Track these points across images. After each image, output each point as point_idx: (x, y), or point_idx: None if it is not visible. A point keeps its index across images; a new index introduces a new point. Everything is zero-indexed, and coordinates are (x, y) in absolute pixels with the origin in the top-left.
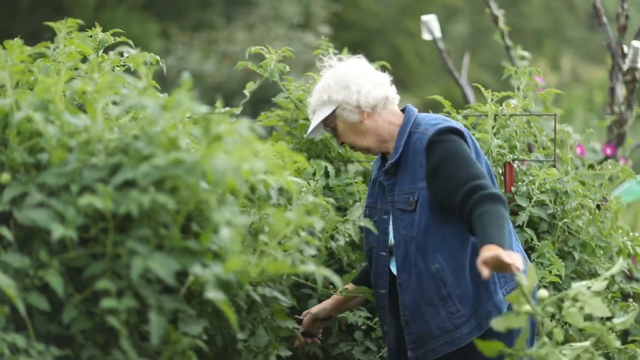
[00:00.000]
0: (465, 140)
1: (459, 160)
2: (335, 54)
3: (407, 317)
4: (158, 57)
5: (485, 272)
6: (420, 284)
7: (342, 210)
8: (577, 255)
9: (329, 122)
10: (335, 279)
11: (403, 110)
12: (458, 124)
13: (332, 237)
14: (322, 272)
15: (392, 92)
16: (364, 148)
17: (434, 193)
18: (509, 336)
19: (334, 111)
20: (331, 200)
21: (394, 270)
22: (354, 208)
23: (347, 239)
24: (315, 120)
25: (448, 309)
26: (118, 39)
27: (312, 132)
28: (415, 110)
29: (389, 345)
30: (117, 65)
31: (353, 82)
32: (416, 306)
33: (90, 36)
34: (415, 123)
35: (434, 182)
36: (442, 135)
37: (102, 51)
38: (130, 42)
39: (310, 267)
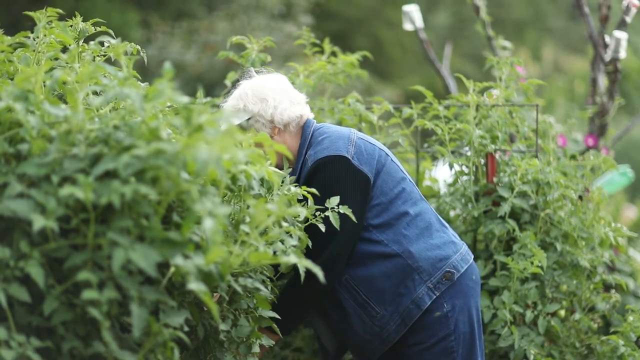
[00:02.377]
0: (349, 162)
1: (322, 201)
2: (317, 44)
3: (343, 329)
4: (139, 47)
5: None
6: (339, 297)
7: None
8: (559, 246)
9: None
10: (317, 270)
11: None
12: (346, 139)
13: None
14: (304, 263)
15: (307, 111)
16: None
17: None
18: (432, 331)
19: (247, 121)
20: (313, 190)
21: None
22: (332, 198)
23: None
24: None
25: (368, 313)
26: (98, 29)
27: None
28: (312, 124)
29: (326, 349)
30: (98, 55)
31: (270, 97)
32: (343, 317)
33: (71, 26)
34: (310, 143)
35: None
36: (316, 173)
37: (82, 41)
38: (110, 31)
39: (292, 258)
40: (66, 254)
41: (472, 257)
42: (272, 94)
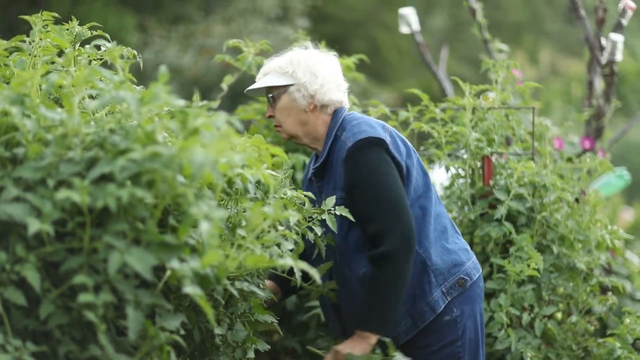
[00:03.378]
0: (388, 148)
1: (372, 187)
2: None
3: (348, 320)
4: (135, 51)
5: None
6: (351, 289)
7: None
8: (555, 249)
9: (275, 92)
10: (313, 272)
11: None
12: (382, 129)
13: (310, 229)
14: (300, 266)
15: (345, 100)
16: (290, 134)
17: (351, 208)
18: (440, 336)
19: (288, 86)
20: (309, 193)
21: None
22: (329, 198)
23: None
24: (265, 82)
25: None
26: (95, 33)
27: (253, 90)
28: (345, 110)
29: (336, 339)
30: (94, 59)
31: (321, 74)
32: (352, 310)
33: (67, 29)
34: (342, 126)
35: (350, 199)
36: (360, 150)
37: (78, 45)
38: (107, 35)
39: (288, 261)
40: (62, 257)
41: (479, 267)
42: (323, 72)
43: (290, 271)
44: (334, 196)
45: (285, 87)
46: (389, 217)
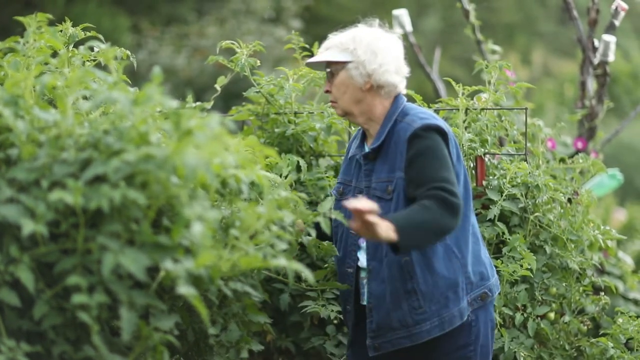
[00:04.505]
0: (448, 143)
1: (436, 158)
2: (306, 49)
3: (372, 305)
4: (128, 52)
5: (352, 225)
6: (389, 274)
7: (313, 204)
8: (548, 249)
9: (334, 67)
10: (307, 273)
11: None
12: (445, 125)
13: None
14: (294, 267)
15: (402, 86)
16: (345, 110)
17: (407, 178)
18: (453, 339)
19: (347, 63)
20: (303, 195)
21: (359, 252)
22: (324, 201)
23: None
24: (325, 57)
25: (411, 303)
26: (88, 33)
27: (312, 63)
28: (405, 99)
29: (347, 325)
30: (88, 60)
31: (382, 55)
32: (382, 296)
33: (61, 31)
34: (403, 112)
35: (407, 172)
36: (428, 131)
37: (72, 46)
38: (100, 36)
39: (282, 262)
40: (56, 258)
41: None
42: (384, 53)
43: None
44: (329, 198)
45: (344, 64)
46: (448, 181)
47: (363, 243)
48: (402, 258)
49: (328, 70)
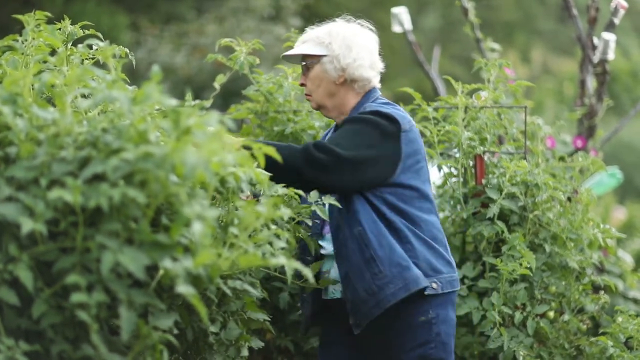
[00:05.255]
0: (399, 136)
1: (356, 134)
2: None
3: (344, 287)
4: (127, 50)
5: None
6: (348, 250)
7: None
8: (547, 248)
9: (309, 61)
10: (306, 271)
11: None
12: (407, 120)
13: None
14: (293, 265)
15: (376, 81)
16: (319, 104)
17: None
18: (413, 336)
19: (322, 57)
20: (299, 191)
21: (322, 241)
22: (313, 192)
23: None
24: (301, 50)
25: (371, 270)
26: (87, 32)
27: (289, 56)
28: (379, 94)
29: (304, 313)
30: (86, 58)
31: (356, 50)
32: (347, 274)
33: (60, 29)
34: (370, 104)
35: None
36: (373, 115)
37: (70, 44)
38: (99, 34)
39: (281, 260)
40: (55, 257)
41: (459, 285)
42: (359, 48)
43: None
44: (318, 193)
45: (319, 57)
46: (339, 145)
47: (327, 233)
48: (355, 229)
49: (303, 63)
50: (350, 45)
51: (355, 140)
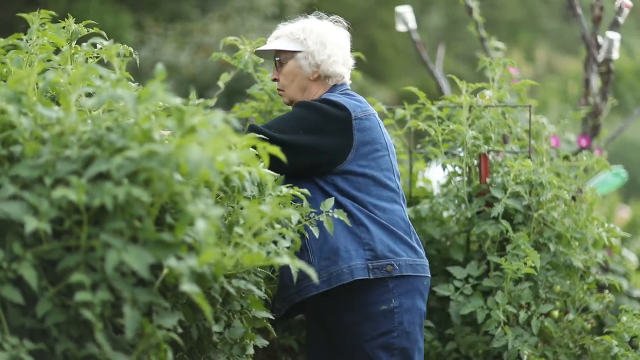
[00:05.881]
0: (351, 125)
1: (294, 119)
2: None
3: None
4: (131, 49)
5: None
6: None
7: None
8: (552, 247)
9: (283, 57)
10: (310, 271)
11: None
12: (361, 109)
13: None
14: (297, 265)
15: (348, 77)
16: (291, 99)
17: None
18: (375, 324)
19: (296, 52)
20: (305, 190)
21: None
22: (326, 201)
23: None
24: (275, 45)
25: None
26: (91, 30)
27: (262, 51)
28: (347, 88)
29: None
30: (90, 57)
31: (330, 46)
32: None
33: (63, 27)
34: (327, 94)
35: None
36: (321, 102)
37: (75, 42)
38: (103, 33)
39: (285, 260)
40: (59, 255)
41: (428, 272)
42: (333, 45)
43: None
44: (332, 198)
45: (293, 53)
46: (279, 130)
47: None
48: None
49: (277, 59)
50: (325, 42)
51: (292, 124)
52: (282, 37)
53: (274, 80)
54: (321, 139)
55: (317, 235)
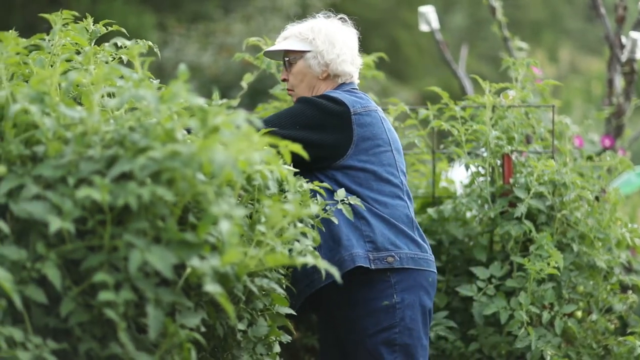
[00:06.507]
0: (350, 120)
1: (291, 115)
2: None
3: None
4: (150, 43)
5: None
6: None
7: None
8: (575, 247)
9: (292, 56)
10: (333, 271)
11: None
12: (361, 104)
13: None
14: (321, 264)
15: (356, 76)
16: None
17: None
18: (377, 320)
19: (305, 52)
20: (325, 184)
21: None
22: (340, 190)
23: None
24: (284, 46)
25: None
26: (114, 30)
27: (270, 53)
28: (355, 88)
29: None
30: (112, 57)
31: (339, 46)
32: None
33: (86, 28)
34: (329, 91)
35: None
36: (320, 98)
37: (95, 42)
38: (124, 31)
39: (309, 259)
40: (82, 255)
41: (433, 268)
42: (342, 44)
43: None
44: (343, 189)
45: (302, 53)
46: (280, 131)
47: None
48: None
49: (286, 59)
50: (333, 41)
51: (291, 119)
52: (290, 38)
53: (284, 80)
54: (320, 134)
55: (323, 228)
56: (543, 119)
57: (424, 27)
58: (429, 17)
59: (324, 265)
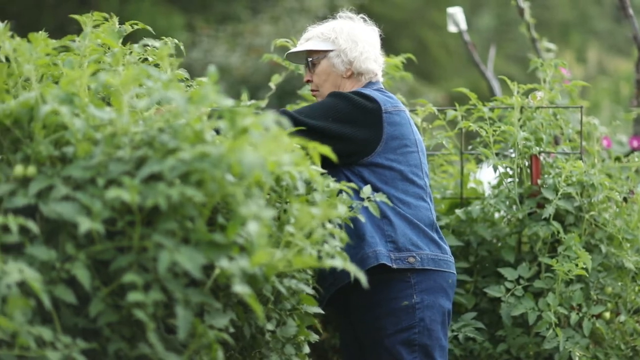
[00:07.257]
0: (381, 117)
1: (324, 107)
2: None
3: None
4: (177, 41)
5: None
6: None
7: None
8: (603, 248)
9: (315, 57)
10: (360, 275)
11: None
12: (391, 104)
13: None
14: (349, 268)
15: (380, 75)
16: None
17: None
18: (396, 320)
19: (328, 52)
20: (352, 184)
21: None
22: (366, 187)
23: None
24: (307, 46)
25: None
26: (143, 31)
27: (292, 55)
28: (381, 87)
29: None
30: (141, 58)
31: (361, 44)
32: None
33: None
34: (359, 88)
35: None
36: (352, 93)
37: (121, 42)
38: (152, 31)
39: (337, 262)
40: (112, 256)
41: (453, 269)
42: (364, 42)
43: None
44: (369, 186)
45: (325, 52)
46: (308, 116)
47: None
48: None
49: (310, 59)
50: (356, 40)
51: (323, 111)
52: (313, 39)
53: (307, 81)
54: (351, 128)
55: (351, 224)
56: (571, 120)
57: (452, 28)
58: (457, 18)
59: (352, 269)
